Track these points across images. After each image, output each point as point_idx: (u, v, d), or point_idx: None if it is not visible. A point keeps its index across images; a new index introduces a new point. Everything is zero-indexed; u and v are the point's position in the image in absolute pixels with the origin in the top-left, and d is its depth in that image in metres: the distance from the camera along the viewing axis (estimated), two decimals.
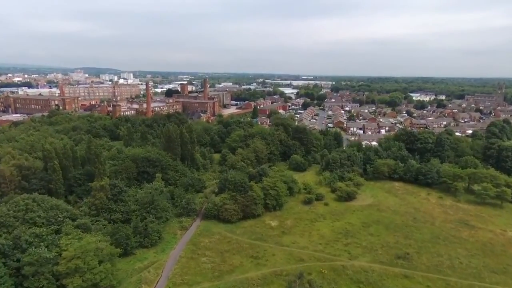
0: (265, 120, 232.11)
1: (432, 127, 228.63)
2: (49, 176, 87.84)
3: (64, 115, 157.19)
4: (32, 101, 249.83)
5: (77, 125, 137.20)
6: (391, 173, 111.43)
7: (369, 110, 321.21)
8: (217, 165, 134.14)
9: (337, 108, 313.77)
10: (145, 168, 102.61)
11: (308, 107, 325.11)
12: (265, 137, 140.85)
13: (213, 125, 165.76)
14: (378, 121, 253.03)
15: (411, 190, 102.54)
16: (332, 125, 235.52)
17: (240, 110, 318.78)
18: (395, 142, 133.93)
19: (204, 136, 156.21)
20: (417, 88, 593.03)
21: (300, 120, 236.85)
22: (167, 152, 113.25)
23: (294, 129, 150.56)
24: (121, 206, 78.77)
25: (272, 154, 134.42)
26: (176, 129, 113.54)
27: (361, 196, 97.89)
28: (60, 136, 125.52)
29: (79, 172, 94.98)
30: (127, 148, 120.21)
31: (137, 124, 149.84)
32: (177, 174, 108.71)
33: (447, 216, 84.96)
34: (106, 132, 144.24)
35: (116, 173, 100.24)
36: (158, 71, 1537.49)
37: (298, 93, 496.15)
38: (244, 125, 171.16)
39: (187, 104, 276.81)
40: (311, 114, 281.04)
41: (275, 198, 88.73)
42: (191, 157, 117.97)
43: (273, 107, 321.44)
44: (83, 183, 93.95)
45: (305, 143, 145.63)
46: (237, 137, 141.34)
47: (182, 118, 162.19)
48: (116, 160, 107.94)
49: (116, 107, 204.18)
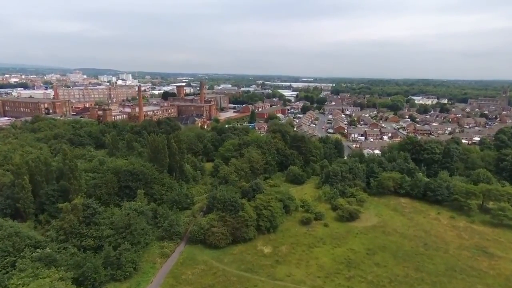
0: (262, 125, 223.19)
1: (436, 134, 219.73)
2: (17, 194, 78.64)
3: (48, 121, 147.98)
4: (21, 104, 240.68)
5: (59, 132, 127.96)
6: (397, 188, 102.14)
7: (371, 114, 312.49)
8: (209, 176, 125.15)
9: (337, 112, 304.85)
10: (127, 183, 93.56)
11: (307, 111, 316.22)
12: (261, 146, 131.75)
13: (207, 132, 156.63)
14: (380, 126, 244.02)
15: (419, 208, 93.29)
16: (333, 131, 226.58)
17: (238, 114, 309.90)
18: (400, 153, 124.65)
19: (196, 143, 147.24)
20: (418, 91, 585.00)
21: (299, 125, 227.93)
22: (154, 163, 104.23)
23: (292, 137, 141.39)
24: (94, 231, 69.48)
25: (268, 165, 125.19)
26: (163, 139, 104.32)
27: (364, 215, 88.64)
28: (39, 145, 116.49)
29: (52, 188, 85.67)
30: (110, 158, 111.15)
31: (125, 131, 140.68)
32: (163, 188, 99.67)
33: (462, 241, 75.74)
34: (91, 139, 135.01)
35: (96, 187, 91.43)
36: (157, 72, 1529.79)
37: (298, 95, 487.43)
38: (240, 132, 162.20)
39: (182, 108, 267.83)
40: (310, 118, 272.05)
41: (269, 219, 79.49)
42: (179, 169, 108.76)
43: (271, 110, 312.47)
44: (57, 200, 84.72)
45: (304, 152, 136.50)
46: (230, 145, 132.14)
47: (174, 125, 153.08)
48: (97, 172, 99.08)
49: (107, 112, 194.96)
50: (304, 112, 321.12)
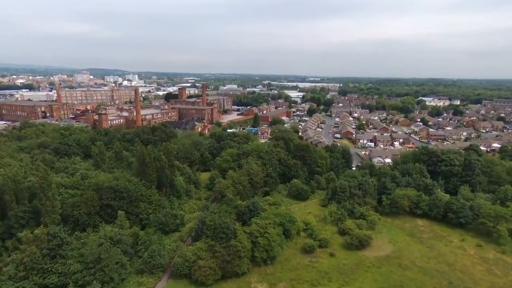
0: (266, 130, 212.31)
1: (451, 140, 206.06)
2: None
3: (36, 127, 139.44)
4: (18, 108, 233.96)
5: (44, 141, 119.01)
6: (413, 207, 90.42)
7: (380, 117, 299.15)
8: (204, 189, 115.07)
9: (345, 115, 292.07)
10: (109, 201, 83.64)
11: (314, 114, 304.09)
12: (261, 156, 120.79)
13: (205, 139, 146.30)
14: (391, 130, 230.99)
15: (439, 233, 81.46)
16: (340, 136, 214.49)
17: (242, 117, 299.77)
18: (415, 165, 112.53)
19: (193, 152, 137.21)
20: (429, 92, 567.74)
21: (304, 129, 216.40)
22: (141, 178, 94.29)
23: (296, 146, 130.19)
24: (59, 265, 59.51)
25: (269, 177, 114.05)
26: (151, 152, 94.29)
27: (376, 242, 77.24)
28: (20, 156, 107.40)
29: (23, 208, 76.13)
30: (95, 172, 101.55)
31: (116, 138, 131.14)
32: (151, 206, 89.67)
33: (494, 279, 63.92)
34: (79, 148, 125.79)
35: (74, 207, 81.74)
36: (164, 72, 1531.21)
37: (304, 97, 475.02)
38: (240, 139, 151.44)
39: (183, 111, 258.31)
40: (316, 122, 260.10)
41: (266, 249, 68.68)
42: (170, 184, 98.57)
43: (276, 113, 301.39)
44: (27, 223, 75.29)
45: (308, 163, 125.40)
46: (228, 156, 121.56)
47: (169, 131, 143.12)
48: (78, 188, 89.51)
49: (102, 116, 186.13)
50: (310, 115, 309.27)
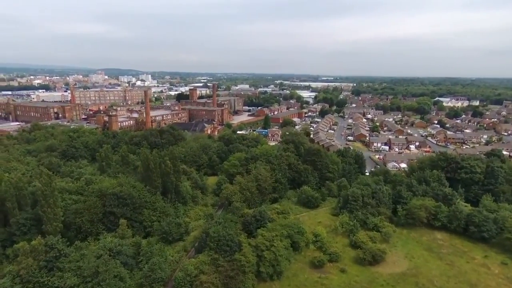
0: (276, 131, 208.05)
1: (471, 143, 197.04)
2: None
3: (45, 130, 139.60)
4: (31, 109, 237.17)
5: (52, 144, 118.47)
6: (431, 219, 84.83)
7: (395, 118, 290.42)
8: (211, 194, 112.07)
9: (358, 116, 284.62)
10: (112, 208, 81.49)
11: (326, 115, 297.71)
12: (270, 161, 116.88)
13: (213, 142, 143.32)
14: (406, 133, 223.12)
15: (460, 248, 75.79)
16: (353, 138, 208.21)
17: (252, 118, 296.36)
18: (432, 172, 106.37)
19: (201, 155, 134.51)
20: (446, 92, 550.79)
21: (316, 132, 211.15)
22: (146, 183, 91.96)
23: (307, 150, 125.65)
24: (56, 279, 57.17)
25: (278, 183, 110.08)
26: (156, 157, 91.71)
27: (391, 257, 72.29)
28: (27, 160, 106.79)
29: (24, 216, 74.63)
30: (100, 176, 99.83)
31: (123, 141, 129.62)
32: (155, 213, 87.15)
33: None
34: (87, 151, 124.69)
35: (76, 214, 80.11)
36: (177, 72, 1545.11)
37: (316, 97, 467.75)
38: (249, 143, 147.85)
39: (193, 112, 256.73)
40: (329, 123, 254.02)
41: (272, 264, 64.84)
42: (175, 190, 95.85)
43: (287, 114, 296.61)
44: (29, 231, 73.88)
45: (319, 168, 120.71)
46: (236, 160, 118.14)
47: (177, 134, 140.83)
48: (81, 194, 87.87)
49: (112, 118, 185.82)
50: (322, 116, 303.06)
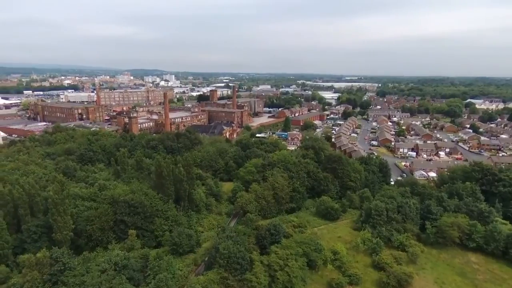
0: (296, 135, 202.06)
1: (507, 150, 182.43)
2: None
3: (66, 132, 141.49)
4: (57, 110, 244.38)
5: (70, 147, 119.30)
6: (464, 238, 76.75)
7: (423, 121, 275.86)
8: (226, 202, 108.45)
9: (383, 119, 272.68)
10: (123, 216, 79.53)
11: (349, 117, 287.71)
12: (288, 168, 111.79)
13: (230, 146, 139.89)
14: (435, 138, 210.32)
15: (498, 274, 67.63)
16: (377, 143, 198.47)
17: (273, 119, 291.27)
18: (466, 184, 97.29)
19: (217, 160, 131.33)
20: (479, 93, 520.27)
21: (337, 135, 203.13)
22: (158, 191, 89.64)
23: (327, 157, 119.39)
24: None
25: (296, 192, 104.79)
26: (169, 164, 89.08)
27: (418, 281, 65.46)
28: (44, 163, 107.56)
29: (35, 223, 73.93)
30: (114, 182, 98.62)
31: (140, 145, 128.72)
32: (167, 222, 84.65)
33: None
34: (104, 155, 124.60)
35: (88, 221, 78.81)
36: (200, 72, 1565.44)
37: (339, 98, 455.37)
38: (267, 147, 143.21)
39: (213, 114, 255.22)
40: (351, 126, 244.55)
41: (286, 286, 59.97)
42: (188, 197, 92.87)
43: (309, 117, 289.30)
44: (39, 238, 73.21)
45: (340, 176, 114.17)
46: (253, 167, 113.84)
47: (194, 138, 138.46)
48: (94, 200, 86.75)
49: (132, 120, 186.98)
50: (345, 118, 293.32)
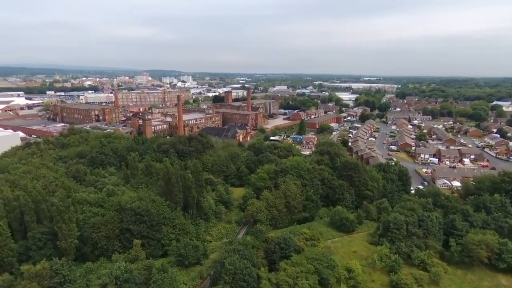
0: (311, 138, 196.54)
1: None
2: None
3: (80, 134, 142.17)
4: (75, 111, 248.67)
5: (82, 150, 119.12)
6: (494, 258, 70.09)
7: (445, 125, 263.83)
8: (237, 209, 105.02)
9: (403, 122, 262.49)
10: (129, 225, 77.44)
11: (366, 120, 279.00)
12: (302, 175, 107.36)
13: (242, 151, 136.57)
14: (459, 143, 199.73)
15: None
16: (396, 148, 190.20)
17: (288, 122, 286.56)
18: (494, 196, 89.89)
19: (229, 165, 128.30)
20: (506, 95, 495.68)
21: (354, 139, 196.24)
22: (166, 197, 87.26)
23: (343, 164, 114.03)
24: None
25: (309, 201, 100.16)
26: (177, 170, 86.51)
27: None
28: (56, 166, 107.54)
29: (41, 230, 72.76)
30: (122, 187, 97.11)
31: (151, 149, 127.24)
32: (174, 231, 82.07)
33: None
34: (116, 158, 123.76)
35: (94, 228, 77.27)
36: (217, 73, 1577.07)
37: (357, 100, 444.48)
38: (280, 152, 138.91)
39: (227, 116, 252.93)
40: (369, 130, 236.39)
41: None
42: (197, 205, 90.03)
43: (325, 119, 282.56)
44: (45, 245, 71.93)
45: (357, 185, 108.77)
46: (264, 173, 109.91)
47: (206, 142, 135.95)
48: (102, 206, 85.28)
49: (146, 122, 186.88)
50: (362, 121, 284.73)
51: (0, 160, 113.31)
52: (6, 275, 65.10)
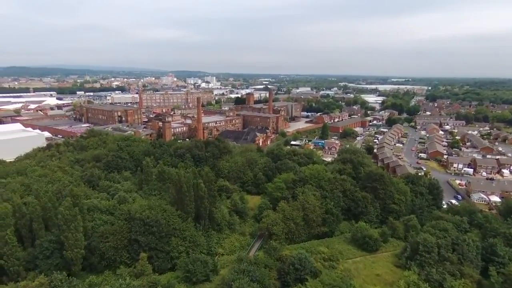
0: (334, 144, 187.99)
1: None
2: (0, 248, 65.48)
3: (99, 137, 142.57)
4: (99, 112, 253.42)
5: (99, 154, 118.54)
6: None
7: (481, 131, 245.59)
8: (251, 220, 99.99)
9: (433, 128, 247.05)
10: (137, 235, 74.37)
11: (394, 124, 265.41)
12: (322, 186, 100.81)
13: (260, 157, 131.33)
14: (497, 151, 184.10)
15: None
16: (426, 156, 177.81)
17: (310, 125, 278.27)
18: None
19: (246, 171, 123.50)
20: None
21: (380, 145, 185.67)
22: (178, 207, 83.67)
23: (367, 174, 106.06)
24: None
25: (329, 214, 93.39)
26: (189, 179, 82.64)
27: None
28: (72, 170, 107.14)
29: (49, 238, 71.00)
30: (135, 194, 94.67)
31: (167, 153, 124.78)
32: (184, 243, 78.25)
33: None
34: (132, 162, 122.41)
35: (102, 237, 74.92)
36: (241, 73, 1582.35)
37: (384, 102, 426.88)
38: (300, 158, 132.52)
39: (248, 118, 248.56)
40: (396, 135, 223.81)
41: None
42: (209, 216, 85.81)
43: (348, 123, 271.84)
44: (52, 254, 70.08)
45: (382, 197, 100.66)
46: (282, 182, 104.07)
47: (223, 147, 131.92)
48: (112, 214, 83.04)
49: (166, 124, 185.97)
50: (389, 125, 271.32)
51: (21, 162, 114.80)
52: (11, 285, 63.54)
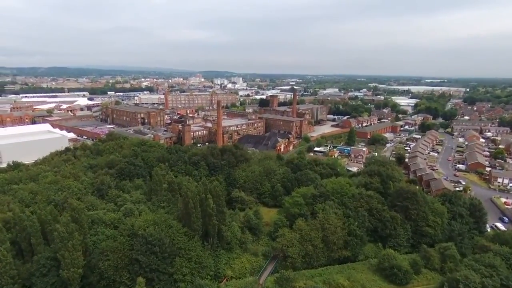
0: (360, 151, 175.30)
1: None
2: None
3: (116, 141, 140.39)
4: (123, 113, 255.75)
5: (113, 159, 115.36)
6: None
7: None
8: (266, 237, 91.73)
9: (473, 135, 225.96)
10: (138, 255, 68.65)
11: (428, 130, 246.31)
12: (344, 203, 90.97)
13: (279, 166, 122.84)
14: None
15: None
16: (465, 168, 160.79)
17: (336, 129, 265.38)
18: None
19: (263, 182, 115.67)
20: None
21: (412, 154, 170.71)
22: (184, 223, 77.43)
23: (397, 191, 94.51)
24: None
25: (352, 236, 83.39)
26: (195, 194, 76.03)
27: None
28: (83, 177, 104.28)
29: (46, 255, 67.01)
30: (143, 205, 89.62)
31: (181, 160, 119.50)
32: (189, 264, 71.66)
33: None
34: (146, 169, 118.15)
35: (103, 254, 69.96)
36: (268, 74, 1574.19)
37: (417, 105, 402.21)
38: (323, 168, 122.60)
39: (270, 122, 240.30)
40: (430, 143, 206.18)
41: None
42: (218, 234, 78.81)
43: (378, 128, 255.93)
44: (49, 272, 65.96)
45: (414, 218, 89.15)
46: (300, 197, 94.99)
47: (240, 155, 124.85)
48: (116, 228, 78.23)
49: (185, 128, 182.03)
50: (422, 131, 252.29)
51: (35, 167, 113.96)
52: None
